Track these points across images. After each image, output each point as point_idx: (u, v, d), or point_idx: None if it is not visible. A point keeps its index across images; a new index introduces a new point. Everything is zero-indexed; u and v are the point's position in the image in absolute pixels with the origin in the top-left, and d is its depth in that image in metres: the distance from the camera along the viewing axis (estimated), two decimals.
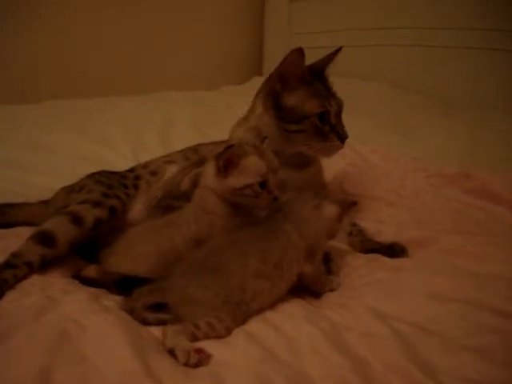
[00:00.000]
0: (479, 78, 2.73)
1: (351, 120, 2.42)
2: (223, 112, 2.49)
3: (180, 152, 1.63)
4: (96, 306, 1.02)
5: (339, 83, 2.82)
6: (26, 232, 1.29)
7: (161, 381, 0.82)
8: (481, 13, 2.68)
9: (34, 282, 1.14)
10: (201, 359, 0.89)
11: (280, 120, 1.42)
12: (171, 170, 1.51)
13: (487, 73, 2.71)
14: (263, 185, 1.16)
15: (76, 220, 1.28)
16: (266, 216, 1.21)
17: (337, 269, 1.29)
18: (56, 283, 1.15)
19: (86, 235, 1.30)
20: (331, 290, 1.21)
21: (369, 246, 1.41)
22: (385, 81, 2.97)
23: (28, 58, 2.93)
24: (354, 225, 1.51)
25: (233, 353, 0.92)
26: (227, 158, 1.14)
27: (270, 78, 1.44)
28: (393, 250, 1.35)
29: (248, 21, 3.82)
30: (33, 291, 1.09)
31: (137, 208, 1.46)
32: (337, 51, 1.50)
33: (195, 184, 1.28)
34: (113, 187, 1.43)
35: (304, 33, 3.53)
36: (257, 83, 1.59)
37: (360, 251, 1.42)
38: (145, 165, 1.60)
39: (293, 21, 3.63)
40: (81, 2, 3.06)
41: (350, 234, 1.48)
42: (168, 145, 2.17)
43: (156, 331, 1.00)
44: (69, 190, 1.47)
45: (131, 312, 1.03)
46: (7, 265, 1.14)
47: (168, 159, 1.59)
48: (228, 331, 1.00)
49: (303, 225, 1.16)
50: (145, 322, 1.02)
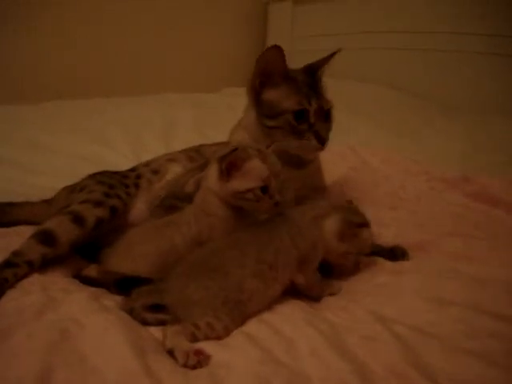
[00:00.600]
0: (479, 82, 2.73)
1: (352, 122, 2.46)
2: (225, 114, 2.48)
3: (182, 151, 1.62)
4: (96, 306, 1.02)
5: (341, 86, 2.84)
6: (27, 231, 1.29)
7: (160, 381, 0.82)
8: (481, 17, 2.68)
9: (35, 281, 1.14)
10: (200, 360, 0.88)
11: (260, 115, 1.42)
12: (173, 169, 1.50)
13: (487, 77, 2.71)
14: (265, 189, 1.16)
15: (77, 219, 1.28)
16: (267, 218, 1.21)
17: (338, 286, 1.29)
18: (56, 282, 1.15)
19: (88, 235, 1.29)
20: (331, 295, 1.21)
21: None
22: (386, 84, 2.97)
23: (28, 59, 2.94)
24: None
25: (232, 354, 0.92)
26: (230, 161, 1.14)
27: (252, 75, 1.44)
28: (393, 253, 1.35)
29: (251, 23, 3.82)
30: (33, 290, 1.09)
31: (138, 207, 1.45)
32: (334, 53, 1.49)
33: (199, 185, 1.28)
34: (114, 187, 1.43)
35: (307, 36, 3.54)
36: None
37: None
38: (146, 163, 1.60)
39: (296, 24, 3.63)
40: (82, 3, 3.06)
41: None
42: (169, 146, 2.17)
43: (156, 331, 1.00)
44: (70, 190, 1.47)
45: (130, 312, 1.03)
46: (8, 263, 1.14)
47: (170, 157, 1.58)
48: (227, 332, 1.00)
49: (297, 233, 1.16)
50: (144, 322, 1.02)
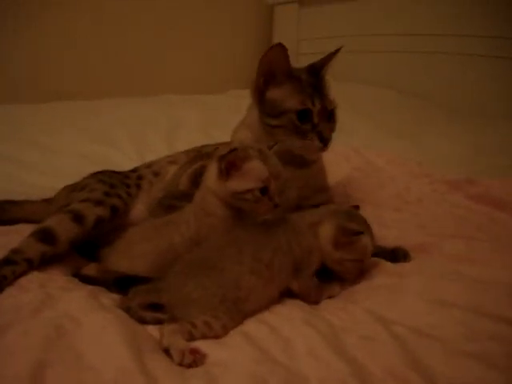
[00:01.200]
0: (482, 85, 2.72)
1: (356, 124, 2.45)
2: (230, 115, 2.45)
3: (184, 152, 1.62)
4: (94, 304, 1.02)
5: (346, 88, 2.84)
6: (27, 229, 1.28)
7: (156, 379, 0.81)
8: (482, 18, 2.67)
9: (33, 279, 1.14)
10: (196, 359, 0.88)
11: (263, 114, 1.42)
12: (173, 171, 1.50)
13: (490, 80, 2.69)
14: (264, 191, 1.14)
15: (77, 218, 1.28)
16: (266, 219, 1.20)
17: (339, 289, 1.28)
18: (55, 281, 1.15)
19: (87, 234, 1.30)
20: (330, 297, 1.20)
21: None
22: (392, 86, 2.96)
23: (29, 59, 2.96)
24: None
25: (229, 353, 0.92)
26: (229, 161, 1.13)
27: (256, 73, 1.44)
28: (395, 255, 1.34)
29: (257, 25, 3.82)
30: (31, 288, 1.09)
31: (138, 208, 1.46)
32: (337, 51, 1.49)
33: (194, 182, 1.27)
34: (115, 186, 1.43)
35: (313, 38, 3.53)
36: None
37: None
38: (148, 165, 1.61)
39: (302, 26, 3.62)
40: (85, 3, 3.07)
41: None
42: (173, 146, 2.17)
43: (153, 330, 0.99)
44: (71, 189, 1.47)
45: (128, 311, 1.03)
46: (7, 261, 1.14)
47: (171, 159, 1.58)
48: (225, 330, 0.99)
49: (294, 238, 1.15)
50: (142, 321, 1.02)
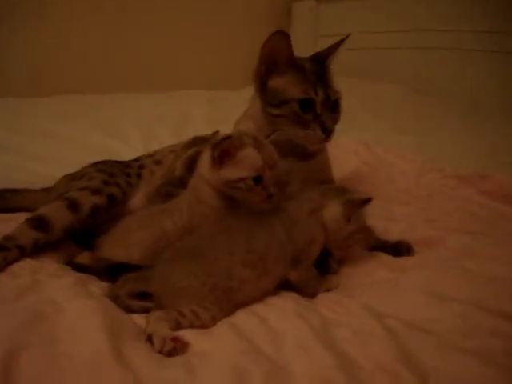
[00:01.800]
0: (496, 81, 2.65)
1: (366, 119, 2.42)
2: (241, 111, 2.46)
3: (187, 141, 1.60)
4: (80, 291, 1.00)
5: (359, 84, 2.80)
6: (24, 218, 1.27)
7: (131, 365, 0.79)
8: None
9: (25, 266, 1.13)
10: (176, 347, 0.85)
11: (265, 103, 1.38)
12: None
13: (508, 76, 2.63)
14: (258, 179, 1.11)
15: (73, 206, 1.26)
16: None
17: (337, 266, 1.24)
18: (47, 268, 1.14)
19: (83, 222, 1.28)
20: (328, 290, 1.16)
21: (373, 244, 1.35)
22: (409, 82, 2.91)
23: (43, 52, 2.97)
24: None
25: (213, 343, 0.89)
26: (223, 149, 1.10)
27: (257, 61, 1.40)
28: (398, 249, 1.30)
29: (274, 22, 3.77)
30: (21, 274, 1.08)
31: (138, 197, 1.43)
32: (343, 40, 1.44)
33: (189, 168, 1.24)
34: (114, 175, 1.41)
35: (330, 35, 3.46)
36: None
37: (364, 249, 1.36)
38: (150, 154, 1.59)
39: (319, 22, 3.59)
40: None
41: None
42: (181, 139, 2.15)
43: (140, 319, 0.97)
44: (71, 178, 1.46)
45: (115, 299, 1.01)
46: None
47: (173, 148, 1.56)
48: (213, 321, 0.97)
49: (294, 228, 1.11)
50: (129, 310, 1.00)
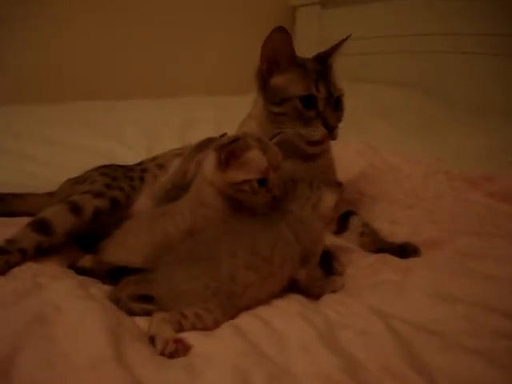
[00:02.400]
0: (501, 84, 2.63)
1: (373, 122, 2.40)
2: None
3: (190, 146, 1.58)
4: (81, 293, 0.99)
5: (365, 88, 2.79)
6: (26, 222, 1.26)
7: (131, 368, 0.78)
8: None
9: (26, 269, 1.11)
10: (178, 349, 0.84)
11: (267, 102, 1.38)
12: (177, 162, 1.47)
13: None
14: (263, 182, 1.10)
15: (75, 209, 1.25)
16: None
17: (341, 268, 1.23)
18: (48, 271, 1.12)
19: (85, 225, 1.27)
20: (333, 292, 1.15)
21: (379, 246, 1.35)
22: (415, 86, 2.89)
23: (53, 60, 2.98)
24: (367, 225, 1.45)
25: (216, 345, 0.88)
26: (229, 151, 1.09)
27: (259, 60, 1.40)
28: (404, 250, 1.28)
29: None
30: (22, 277, 1.07)
31: (141, 200, 1.42)
32: (344, 40, 1.45)
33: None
34: (117, 179, 1.40)
35: (335, 40, 3.46)
36: None
37: (370, 251, 1.35)
38: (153, 158, 1.58)
39: (324, 27, 3.58)
40: (105, 6, 3.10)
41: (362, 235, 1.42)
42: (185, 144, 2.14)
43: (142, 322, 0.96)
44: (74, 182, 1.46)
45: (117, 302, 0.99)
46: (0, 251, 1.12)
47: (177, 152, 1.55)
48: (216, 324, 0.95)
49: (301, 228, 1.11)
50: (130, 312, 0.98)
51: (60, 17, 2.96)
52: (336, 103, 1.37)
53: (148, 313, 0.98)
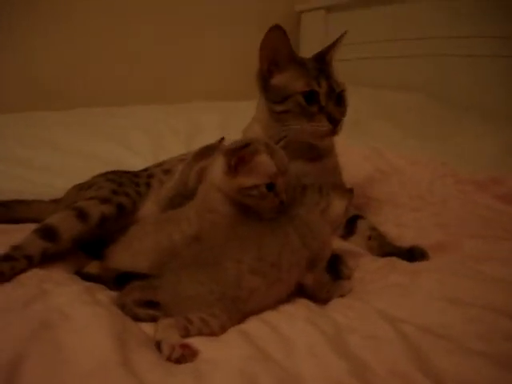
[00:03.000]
0: (508, 86, 2.61)
1: (379, 125, 2.40)
2: None
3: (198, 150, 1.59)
4: (87, 299, 0.99)
5: (371, 93, 2.78)
6: (32, 228, 1.26)
7: (137, 373, 0.77)
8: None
9: (32, 276, 1.11)
10: (184, 354, 0.83)
11: (269, 102, 1.39)
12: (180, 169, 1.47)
13: None
14: (271, 186, 1.10)
15: (81, 215, 1.25)
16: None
17: (349, 272, 1.22)
18: (54, 277, 1.12)
19: (92, 231, 1.27)
20: (341, 296, 1.14)
21: (387, 250, 1.34)
22: (418, 90, 2.89)
23: (60, 67, 2.99)
24: (374, 229, 1.44)
25: (222, 350, 0.87)
26: (240, 156, 1.09)
27: (258, 61, 1.41)
28: (412, 254, 1.28)
29: None
30: (28, 283, 1.07)
31: (147, 206, 1.42)
32: (341, 36, 1.45)
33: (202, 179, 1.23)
34: (123, 185, 1.41)
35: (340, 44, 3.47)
36: None
37: (378, 255, 1.35)
38: (159, 163, 1.58)
39: (329, 32, 3.58)
40: (110, 12, 3.11)
41: (370, 239, 1.41)
42: (191, 149, 2.15)
43: (148, 327, 0.96)
44: (79, 188, 1.46)
45: (123, 307, 0.99)
46: (6, 257, 1.11)
47: (184, 158, 1.55)
48: (223, 329, 0.95)
49: (309, 233, 1.10)
50: (136, 318, 0.98)
51: (63, 23, 2.98)
52: (339, 98, 1.38)
53: (153, 318, 0.97)
